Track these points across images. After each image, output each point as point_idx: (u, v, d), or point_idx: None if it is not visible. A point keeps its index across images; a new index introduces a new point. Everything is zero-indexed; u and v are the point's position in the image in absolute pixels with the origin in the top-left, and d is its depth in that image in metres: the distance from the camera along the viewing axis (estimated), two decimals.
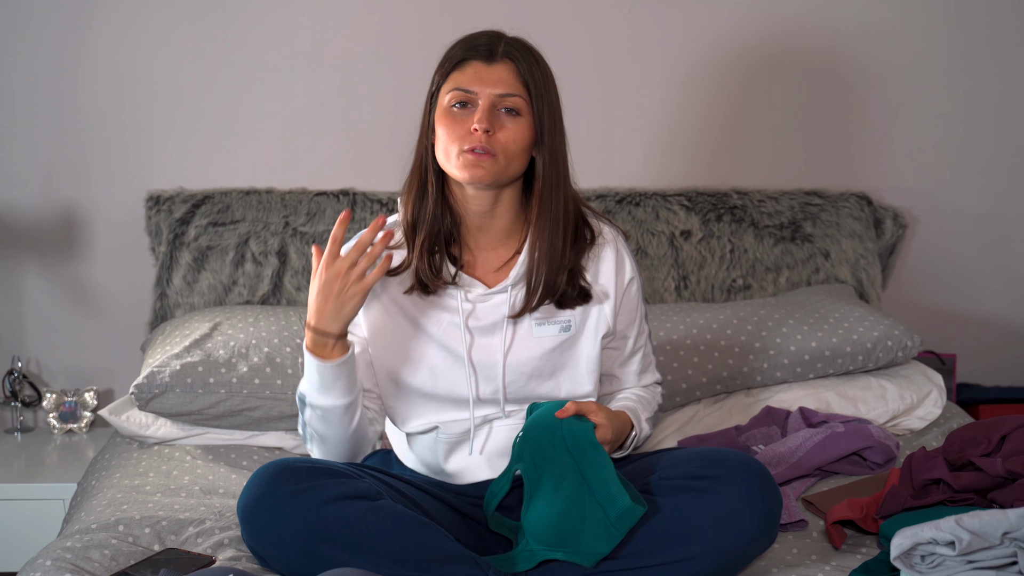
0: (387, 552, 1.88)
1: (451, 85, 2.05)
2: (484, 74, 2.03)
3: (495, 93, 2.02)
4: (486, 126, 2.01)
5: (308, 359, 2.01)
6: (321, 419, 2.04)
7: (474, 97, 2.03)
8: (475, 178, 2.03)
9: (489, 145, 2.01)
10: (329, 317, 1.98)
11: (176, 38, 3.11)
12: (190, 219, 3.03)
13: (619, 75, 3.20)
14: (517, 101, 2.03)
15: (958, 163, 3.33)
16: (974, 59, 3.29)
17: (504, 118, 2.03)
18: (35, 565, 1.96)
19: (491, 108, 2.02)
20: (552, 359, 2.13)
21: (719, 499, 1.95)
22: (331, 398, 2.02)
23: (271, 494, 1.90)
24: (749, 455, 2.06)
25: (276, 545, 1.89)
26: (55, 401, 3.11)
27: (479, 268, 2.14)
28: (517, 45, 2.06)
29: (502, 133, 2.03)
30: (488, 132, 2.01)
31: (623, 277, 2.18)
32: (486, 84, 2.03)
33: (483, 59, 2.04)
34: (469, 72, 2.04)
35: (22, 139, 3.12)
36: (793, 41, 3.24)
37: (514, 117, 2.03)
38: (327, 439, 2.07)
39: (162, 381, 2.58)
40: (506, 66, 2.04)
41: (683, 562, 1.93)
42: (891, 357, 2.77)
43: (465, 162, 2.02)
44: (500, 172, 2.04)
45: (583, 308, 2.14)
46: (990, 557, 1.87)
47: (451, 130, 2.04)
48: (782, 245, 3.13)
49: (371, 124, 3.17)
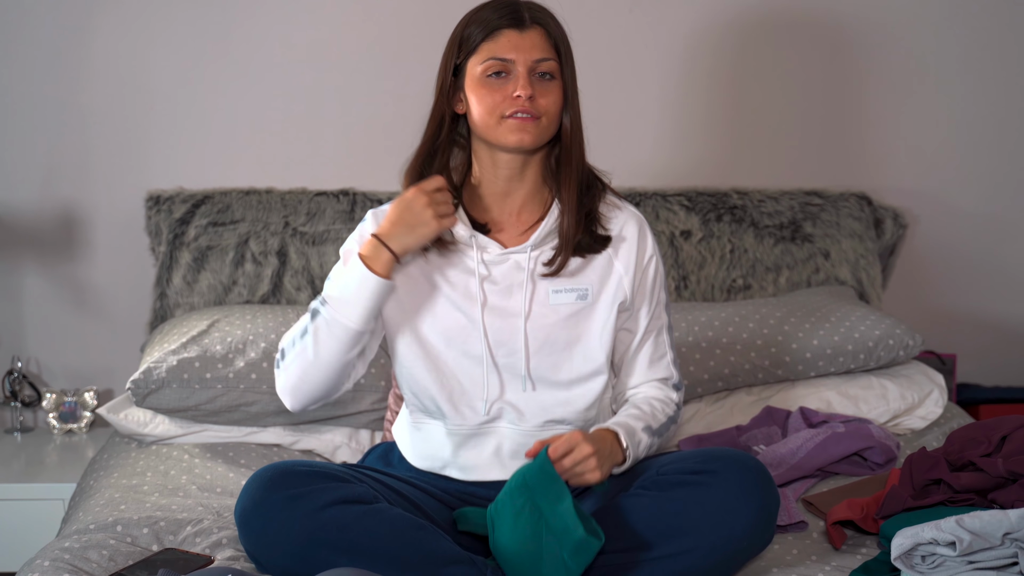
0: (384, 555, 1.87)
1: (485, 55, 2.05)
2: (518, 41, 2.04)
3: (532, 59, 2.04)
4: (530, 92, 2.03)
5: (355, 265, 2.00)
6: (328, 331, 2.01)
7: (511, 65, 2.04)
8: (522, 143, 2.05)
9: (534, 109, 2.04)
10: (399, 232, 2.01)
11: (176, 38, 3.11)
12: (190, 219, 3.03)
13: (619, 75, 3.20)
14: (551, 65, 2.06)
15: (958, 163, 3.33)
16: (974, 59, 3.28)
17: (542, 82, 2.05)
18: (33, 566, 1.96)
19: (529, 74, 2.04)
20: (568, 328, 2.11)
21: (714, 493, 1.95)
22: (353, 315, 2.00)
23: (267, 499, 1.90)
24: (747, 453, 2.06)
25: (273, 550, 1.89)
26: (55, 401, 3.11)
27: (503, 233, 2.13)
28: (539, 8, 2.09)
29: (543, 97, 2.05)
30: (532, 98, 2.03)
31: (645, 249, 2.16)
32: (522, 51, 2.04)
33: (515, 26, 2.05)
34: (503, 41, 2.04)
35: (22, 139, 3.12)
36: (793, 41, 3.24)
37: (549, 81, 2.06)
38: (319, 356, 2.02)
39: (159, 377, 2.58)
40: (537, 31, 2.06)
41: (678, 555, 1.93)
42: (892, 356, 2.76)
43: (511, 127, 2.04)
44: (543, 135, 2.07)
45: (601, 277, 2.13)
46: (991, 558, 1.87)
47: (490, 98, 2.05)
48: (782, 245, 3.13)
49: (371, 124, 3.17)
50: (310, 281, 3.02)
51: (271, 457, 2.56)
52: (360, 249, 2.03)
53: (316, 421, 2.64)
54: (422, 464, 2.16)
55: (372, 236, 2.02)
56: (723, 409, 2.71)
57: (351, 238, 2.14)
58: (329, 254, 3.02)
